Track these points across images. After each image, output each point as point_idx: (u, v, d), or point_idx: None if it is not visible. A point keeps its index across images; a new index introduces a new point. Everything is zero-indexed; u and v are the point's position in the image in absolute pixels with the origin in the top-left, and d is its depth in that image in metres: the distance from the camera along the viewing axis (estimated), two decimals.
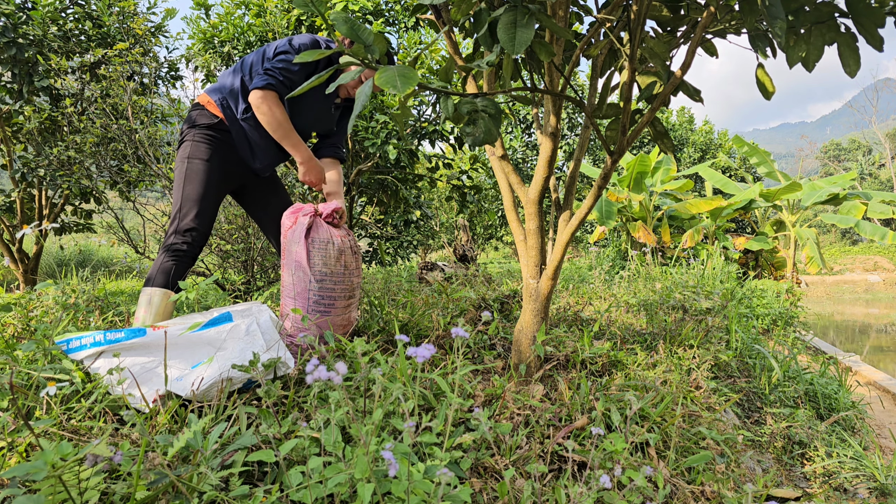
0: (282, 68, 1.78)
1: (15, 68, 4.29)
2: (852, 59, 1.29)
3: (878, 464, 1.86)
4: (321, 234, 1.81)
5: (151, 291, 1.77)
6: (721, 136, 17.27)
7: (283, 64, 1.78)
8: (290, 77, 1.79)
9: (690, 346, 2.38)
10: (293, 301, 1.79)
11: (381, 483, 0.88)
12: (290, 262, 1.80)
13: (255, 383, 1.38)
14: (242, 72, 1.91)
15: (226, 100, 1.91)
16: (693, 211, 8.25)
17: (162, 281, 1.77)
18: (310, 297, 1.77)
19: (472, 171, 5.17)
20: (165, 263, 1.79)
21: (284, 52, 1.82)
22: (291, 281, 1.80)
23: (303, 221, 1.80)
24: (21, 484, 0.86)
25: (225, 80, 1.93)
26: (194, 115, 1.93)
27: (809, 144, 40.60)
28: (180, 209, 1.85)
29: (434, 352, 0.85)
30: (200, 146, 1.90)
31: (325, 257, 1.79)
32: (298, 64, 1.76)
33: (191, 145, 1.90)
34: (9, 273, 7.46)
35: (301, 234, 1.78)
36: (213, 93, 1.93)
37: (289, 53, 1.81)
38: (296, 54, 1.76)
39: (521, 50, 1.11)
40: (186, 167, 1.89)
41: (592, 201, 1.66)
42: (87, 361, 1.29)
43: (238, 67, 1.93)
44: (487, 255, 19.57)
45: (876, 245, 16.60)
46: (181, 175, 1.89)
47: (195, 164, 1.88)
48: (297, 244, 1.79)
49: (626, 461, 1.24)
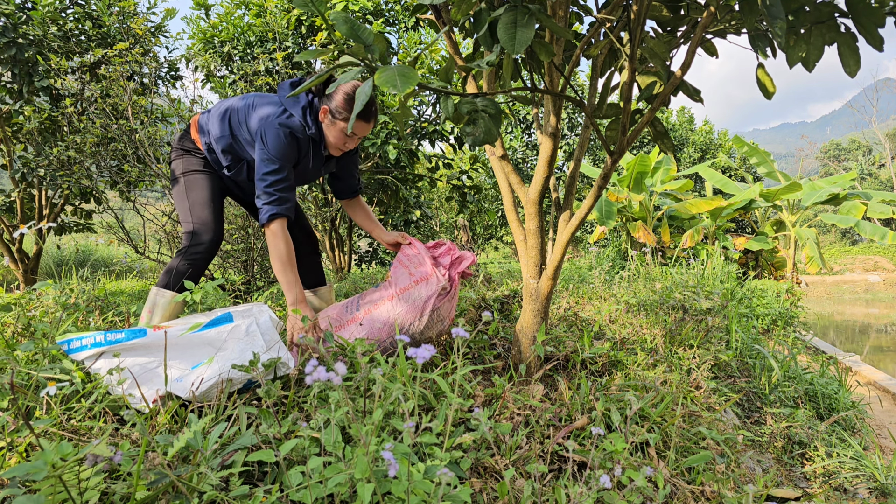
0: (280, 188, 1.76)
1: (15, 68, 4.29)
2: (852, 59, 1.29)
3: (878, 464, 1.86)
4: (450, 300, 1.76)
5: (158, 292, 1.82)
6: (721, 136, 17.26)
7: (279, 184, 1.75)
8: (290, 191, 1.78)
9: (690, 346, 2.38)
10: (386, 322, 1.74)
11: (381, 483, 0.88)
12: (404, 298, 1.75)
13: (256, 383, 1.38)
14: (231, 127, 1.87)
15: (210, 145, 1.93)
16: (693, 211, 8.25)
17: (175, 284, 1.82)
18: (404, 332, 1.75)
19: (472, 171, 5.17)
20: (181, 266, 1.83)
21: (269, 170, 1.75)
22: (393, 312, 1.75)
23: (437, 281, 1.73)
24: (21, 484, 0.86)
25: (213, 126, 1.90)
26: (184, 142, 1.97)
27: (809, 144, 40.59)
28: (191, 214, 1.88)
29: (434, 352, 0.85)
30: (192, 159, 1.95)
31: (438, 320, 1.76)
32: (285, 170, 1.76)
33: (183, 161, 1.94)
34: (9, 273, 7.46)
35: (430, 294, 1.73)
36: (202, 132, 1.95)
37: (273, 165, 1.75)
38: (276, 158, 1.74)
39: (521, 50, 1.11)
40: (184, 180, 1.92)
41: (592, 201, 1.66)
42: (87, 362, 1.29)
43: (224, 117, 1.88)
44: (487, 255, 19.57)
45: (876, 245, 16.60)
46: (181, 187, 1.91)
47: (192, 176, 1.92)
48: (419, 298, 1.73)
49: (626, 461, 1.24)
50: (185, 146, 1.96)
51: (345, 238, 5.38)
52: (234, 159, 1.92)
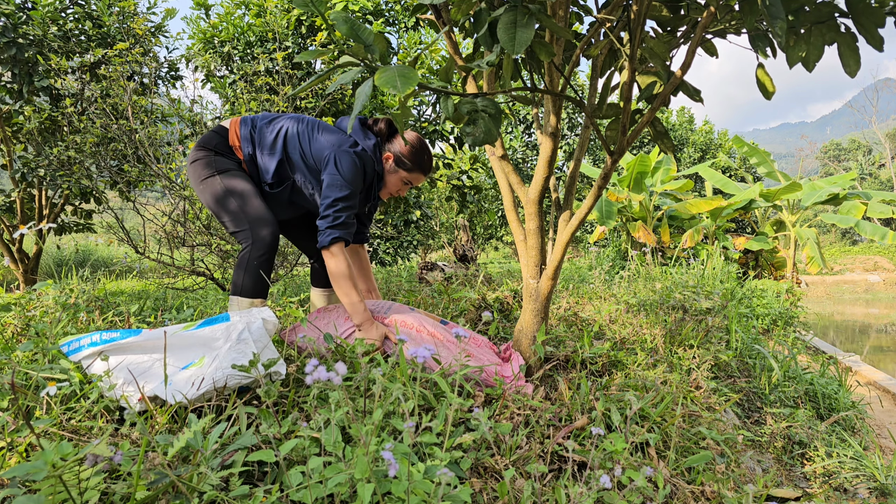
0: (349, 214, 1.74)
1: (15, 68, 4.29)
2: (852, 59, 1.29)
3: (878, 464, 1.86)
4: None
5: (239, 301, 1.77)
6: (721, 136, 17.26)
7: (348, 211, 1.74)
8: (352, 219, 1.76)
9: (690, 346, 2.38)
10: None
11: (381, 483, 0.88)
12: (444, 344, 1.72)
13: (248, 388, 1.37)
14: (286, 147, 1.83)
15: (253, 157, 1.86)
16: (693, 211, 8.25)
17: (251, 290, 1.77)
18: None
19: (472, 171, 5.17)
20: (252, 267, 1.76)
21: (340, 195, 1.73)
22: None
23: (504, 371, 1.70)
24: (21, 484, 0.86)
25: (263, 139, 1.85)
26: (219, 144, 1.86)
27: (809, 144, 40.59)
28: (242, 212, 1.79)
29: (434, 352, 0.85)
30: (225, 160, 1.85)
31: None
32: (354, 199, 1.75)
33: (216, 160, 1.84)
34: (9, 273, 7.46)
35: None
36: (245, 141, 1.86)
37: (345, 190, 1.74)
38: (349, 184, 1.73)
39: (521, 50, 1.11)
40: (221, 178, 1.82)
41: (592, 201, 1.66)
42: (85, 362, 1.28)
43: (276, 133, 1.84)
44: (487, 255, 19.57)
45: (876, 245, 16.60)
46: (219, 186, 1.81)
47: (230, 174, 1.83)
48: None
49: (626, 461, 1.24)
50: (219, 149, 1.85)
51: None
52: (281, 178, 1.86)
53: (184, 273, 3.86)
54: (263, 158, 1.85)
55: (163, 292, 3.73)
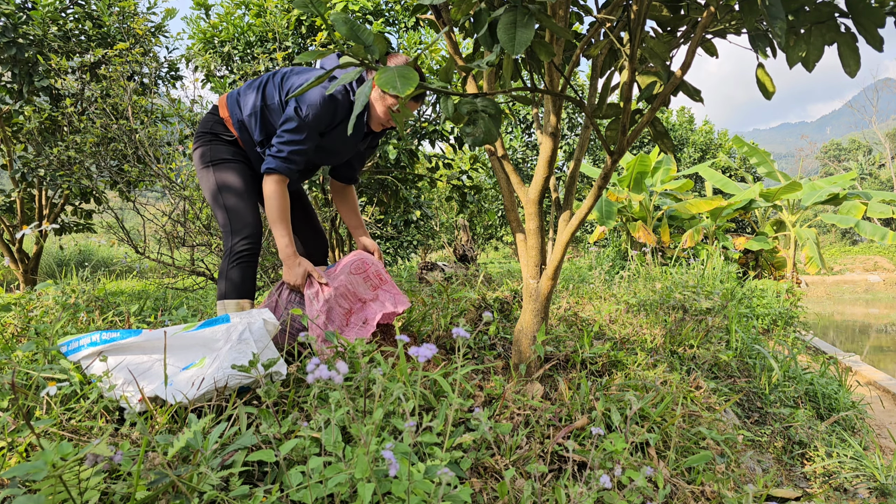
0: (293, 150, 1.73)
1: (15, 68, 4.29)
2: (852, 59, 1.29)
3: (878, 464, 1.86)
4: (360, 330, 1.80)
5: (223, 305, 1.78)
6: (721, 136, 17.26)
7: (293, 146, 1.73)
8: (302, 157, 1.75)
9: (690, 346, 2.38)
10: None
11: (382, 483, 0.88)
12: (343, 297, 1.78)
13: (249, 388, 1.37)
14: (264, 100, 1.83)
15: (242, 122, 1.87)
16: (693, 211, 8.25)
17: (233, 292, 1.78)
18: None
19: (472, 171, 5.17)
20: (232, 271, 1.78)
21: (290, 128, 1.73)
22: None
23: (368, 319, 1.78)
24: (21, 484, 0.86)
25: (246, 99, 1.86)
26: (212, 124, 1.89)
27: (809, 144, 40.58)
28: (227, 211, 1.82)
29: (435, 351, 0.85)
30: (219, 147, 1.88)
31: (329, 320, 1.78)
32: (307, 137, 1.73)
33: (211, 148, 1.87)
34: (9, 273, 7.46)
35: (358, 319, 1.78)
36: (233, 108, 1.88)
37: (296, 124, 1.73)
38: (304, 122, 1.71)
39: (521, 50, 1.11)
40: (214, 172, 1.85)
41: (592, 201, 1.66)
42: (84, 362, 1.28)
43: (258, 87, 1.85)
44: (487, 255, 19.56)
45: (876, 245, 16.59)
46: (212, 180, 1.84)
47: (221, 165, 1.86)
48: (342, 308, 1.76)
49: (626, 461, 1.24)
50: (213, 129, 1.88)
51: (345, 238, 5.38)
52: (268, 133, 1.86)
53: (184, 273, 3.86)
54: (249, 119, 1.86)
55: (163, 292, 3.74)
